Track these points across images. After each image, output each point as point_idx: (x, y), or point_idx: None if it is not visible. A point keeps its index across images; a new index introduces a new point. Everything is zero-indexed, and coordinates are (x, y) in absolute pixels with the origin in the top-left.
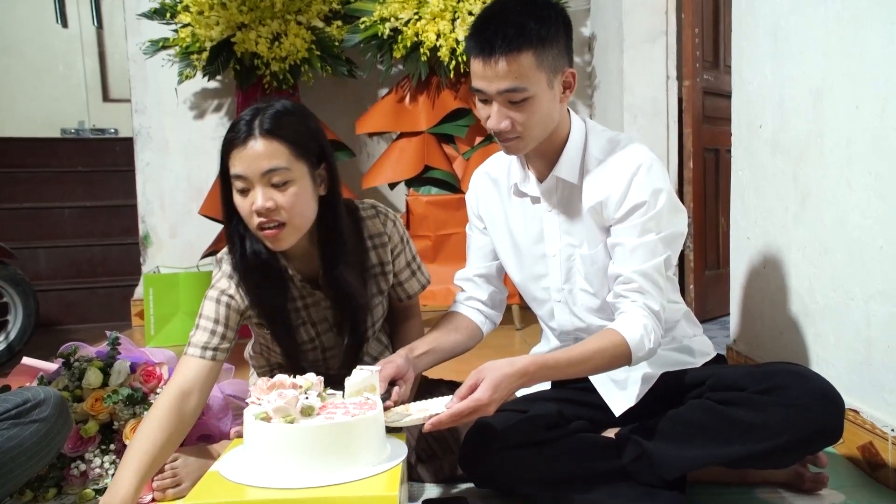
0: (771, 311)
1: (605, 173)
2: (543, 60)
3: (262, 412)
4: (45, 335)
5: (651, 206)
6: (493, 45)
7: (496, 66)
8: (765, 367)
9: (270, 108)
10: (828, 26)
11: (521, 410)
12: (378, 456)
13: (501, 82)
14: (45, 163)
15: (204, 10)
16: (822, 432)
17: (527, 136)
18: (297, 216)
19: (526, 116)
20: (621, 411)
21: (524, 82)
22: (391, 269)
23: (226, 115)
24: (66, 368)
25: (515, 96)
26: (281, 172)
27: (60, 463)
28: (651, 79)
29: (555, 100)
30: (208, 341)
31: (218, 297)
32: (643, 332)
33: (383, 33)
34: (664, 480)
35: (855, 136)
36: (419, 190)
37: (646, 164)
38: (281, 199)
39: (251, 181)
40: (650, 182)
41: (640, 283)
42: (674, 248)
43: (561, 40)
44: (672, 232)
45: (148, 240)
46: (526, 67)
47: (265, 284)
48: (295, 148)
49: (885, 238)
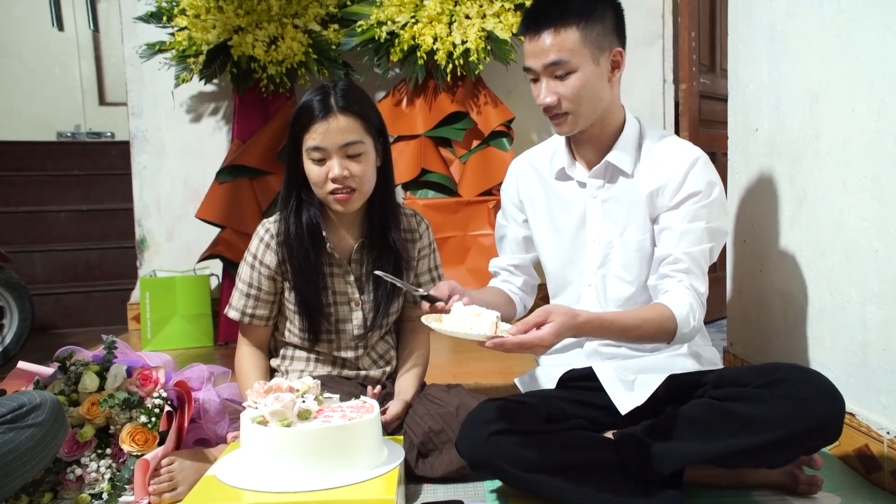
0: (767, 314)
1: (663, 164)
2: (588, 36)
3: (259, 416)
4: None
5: (705, 195)
6: (539, 20)
7: (540, 42)
8: (769, 364)
9: (339, 86)
10: (824, 29)
11: (522, 402)
12: (375, 459)
13: (546, 56)
14: (41, 166)
15: (200, 13)
16: (821, 428)
17: (576, 112)
18: (365, 183)
19: (572, 91)
20: (627, 410)
21: (567, 55)
22: (414, 267)
23: (222, 119)
24: (62, 372)
25: (559, 69)
26: (356, 145)
27: (56, 467)
28: (648, 82)
29: (602, 77)
30: (245, 305)
31: (252, 263)
32: (689, 310)
33: (380, 37)
34: (660, 476)
35: (851, 139)
36: (416, 193)
37: (703, 158)
38: (355, 169)
39: (329, 152)
40: (706, 174)
41: (688, 265)
42: (717, 242)
43: (608, 19)
44: (719, 226)
45: (144, 243)
46: (569, 42)
47: (307, 242)
48: (366, 122)
49: (881, 241)
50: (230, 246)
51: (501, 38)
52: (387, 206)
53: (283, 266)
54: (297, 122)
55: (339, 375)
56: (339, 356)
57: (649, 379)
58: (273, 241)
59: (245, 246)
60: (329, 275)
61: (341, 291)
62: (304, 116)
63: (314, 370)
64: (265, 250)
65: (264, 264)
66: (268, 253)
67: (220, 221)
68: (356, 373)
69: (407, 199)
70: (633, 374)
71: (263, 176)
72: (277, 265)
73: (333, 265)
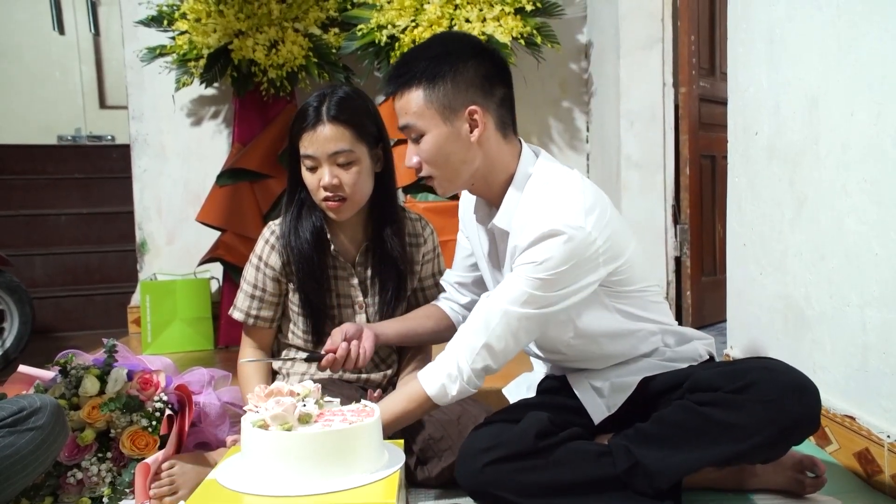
0: (767, 317)
1: (522, 231)
2: (433, 97)
3: (259, 420)
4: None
5: (537, 269)
6: (389, 82)
7: (395, 104)
8: (738, 364)
9: (335, 94)
10: (823, 32)
11: (512, 420)
12: (376, 463)
13: (400, 119)
14: (41, 169)
15: (201, 17)
16: (798, 424)
17: (438, 175)
18: (357, 192)
19: (426, 154)
20: (599, 420)
21: (413, 119)
22: (418, 272)
23: (223, 122)
24: (62, 376)
25: (411, 132)
26: (345, 154)
27: (56, 471)
28: (647, 85)
29: (458, 139)
30: (250, 307)
31: (257, 265)
32: (446, 381)
33: (380, 40)
34: (659, 489)
35: (850, 143)
36: (416, 196)
37: (557, 234)
38: (345, 177)
39: (319, 160)
40: (548, 251)
41: (485, 313)
42: (556, 306)
43: (462, 76)
44: (557, 294)
45: (145, 246)
46: (413, 104)
47: (310, 244)
48: (357, 131)
49: (881, 244)
50: (230, 249)
51: (501, 41)
52: (387, 212)
53: (287, 268)
54: (293, 128)
55: (340, 379)
56: None
57: (622, 384)
58: (278, 242)
59: (245, 249)
60: (333, 277)
61: (345, 294)
62: (297, 123)
63: (315, 373)
64: (270, 252)
65: (269, 266)
66: (273, 254)
67: (221, 225)
68: (357, 376)
69: (407, 201)
70: (601, 381)
71: (264, 179)
72: (282, 267)
73: (338, 268)
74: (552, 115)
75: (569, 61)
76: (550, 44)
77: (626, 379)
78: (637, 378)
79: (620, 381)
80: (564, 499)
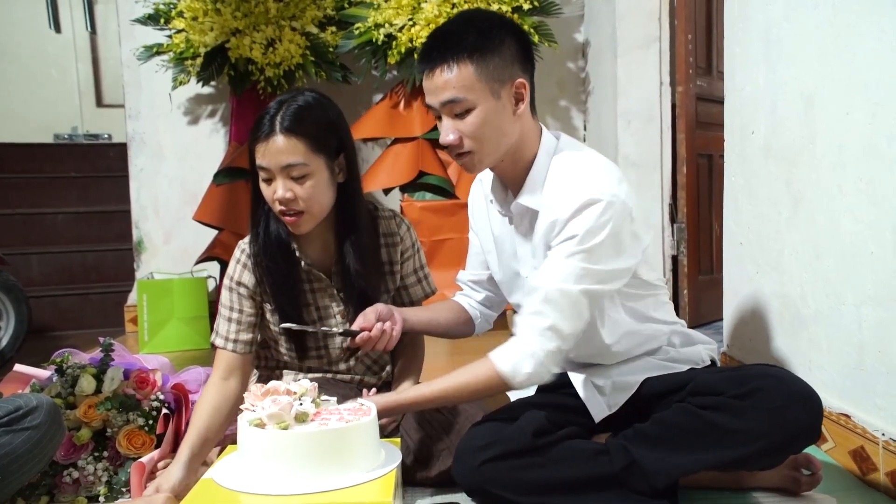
0: (764, 316)
1: (557, 202)
2: (483, 70)
3: (256, 418)
4: (37, 341)
5: (582, 241)
6: (432, 56)
7: (435, 79)
8: (743, 370)
9: (293, 103)
10: (820, 32)
11: (509, 418)
12: (372, 462)
13: (442, 94)
14: (38, 168)
15: (198, 15)
16: (800, 434)
17: (478, 150)
18: (314, 205)
19: (472, 129)
20: (600, 418)
21: (463, 93)
22: (399, 271)
23: (220, 121)
24: (58, 375)
25: (456, 107)
26: (299, 167)
27: (53, 470)
28: (645, 84)
29: (504, 112)
30: (228, 331)
31: (230, 286)
32: (520, 358)
33: (378, 39)
34: (655, 489)
35: (846, 142)
36: (413, 195)
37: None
38: (299, 191)
39: (273, 173)
40: (588, 220)
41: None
42: (601, 284)
43: (507, 49)
44: (602, 268)
45: (142, 245)
46: (464, 78)
47: (279, 259)
48: (313, 142)
49: (877, 243)
50: (227, 248)
51: None
52: (348, 225)
53: (261, 286)
54: (250, 137)
55: (335, 378)
56: (331, 369)
57: (624, 384)
58: (249, 261)
59: None
60: (310, 290)
61: (324, 306)
62: (253, 132)
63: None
64: (242, 270)
65: (242, 284)
66: (245, 273)
67: (218, 223)
68: (351, 377)
69: (404, 201)
70: (604, 380)
71: None
72: (255, 285)
73: (313, 280)
74: (549, 114)
75: (566, 60)
76: (548, 43)
77: (628, 378)
78: (639, 378)
79: (622, 381)
80: (561, 496)
